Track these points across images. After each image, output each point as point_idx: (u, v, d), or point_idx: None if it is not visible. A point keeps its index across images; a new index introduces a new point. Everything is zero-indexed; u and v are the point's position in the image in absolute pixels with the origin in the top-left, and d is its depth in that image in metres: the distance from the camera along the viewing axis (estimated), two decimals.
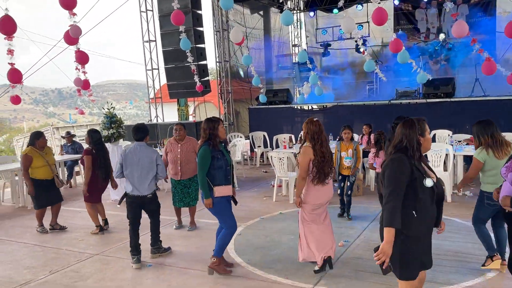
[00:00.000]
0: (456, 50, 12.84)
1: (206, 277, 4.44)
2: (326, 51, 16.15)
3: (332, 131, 9.08)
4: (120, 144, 8.45)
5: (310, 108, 13.16)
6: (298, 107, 12.72)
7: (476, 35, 9.09)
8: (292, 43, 17.39)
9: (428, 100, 10.15)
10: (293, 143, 9.32)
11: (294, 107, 12.58)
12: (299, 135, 4.43)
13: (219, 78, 14.06)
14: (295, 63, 16.49)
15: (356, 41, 11.63)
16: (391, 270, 2.82)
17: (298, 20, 16.72)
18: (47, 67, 10.59)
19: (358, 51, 14.18)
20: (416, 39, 14.38)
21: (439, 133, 9.28)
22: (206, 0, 12.81)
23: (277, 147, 10.78)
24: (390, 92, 11.89)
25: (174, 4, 8.23)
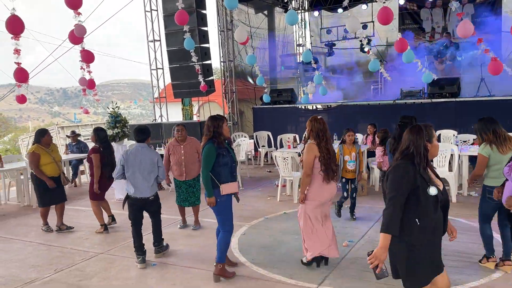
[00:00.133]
0: (462, 50, 12.77)
1: (211, 276, 4.44)
2: (331, 50, 16.12)
3: (336, 131, 9.06)
4: (125, 144, 8.49)
5: (314, 108, 13.14)
6: (302, 107, 12.70)
7: (482, 35, 9.02)
8: (297, 43, 17.36)
9: (433, 100, 10.10)
10: (297, 142, 9.32)
11: (298, 107, 12.57)
12: (303, 135, 4.42)
13: (223, 78, 14.08)
14: (299, 63, 16.47)
15: (361, 40, 11.59)
16: (386, 276, 2.76)
17: (303, 19, 16.71)
18: (52, 66, 10.66)
19: (362, 50, 14.16)
20: (421, 38, 14.33)
21: (444, 133, 9.25)
22: (211, 0, 12.83)
23: (281, 147, 10.78)
24: (395, 92, 11.85)
25: (179, 4, 8.21)
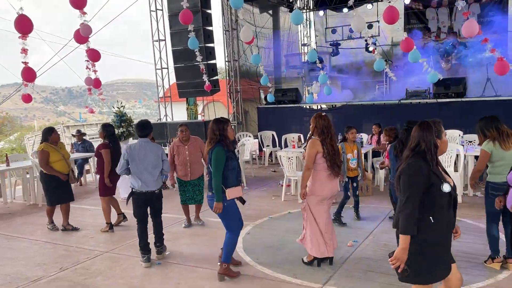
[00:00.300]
0: (468, 49, 12.70)
1: (215, 275, 4.44)
2: (336, 50, 16.09)
3: (341, 131, 8.97)
4: (130, 143, 8.51)
5: (319, 107, 13.12)
6: (307, 107, 12.69)
7: (488, 35, 8.97)
8: (302, 42, 17.34)
9: (439, 100, 10.05)
10: (301, 142, 9.29)
11: (303, 107, 12.55)
12: (308, 135, 4.41)
13: (228, 78, 14.09)
14: (304, 62, 16.45)
15: (366, 40, 11.56)
16: (408, 273, 2.75)
17: (308, 19, 16.68)
18: (57, 66, 10.71)
19: (368, 50, 14.13)
20: (427, 38, 14.27)
21: (450, 133, 9.18)
22: None
23: (285, 146, 10.77)
24: (400, 92, 11.80)
25: (184, 4, 8.20)
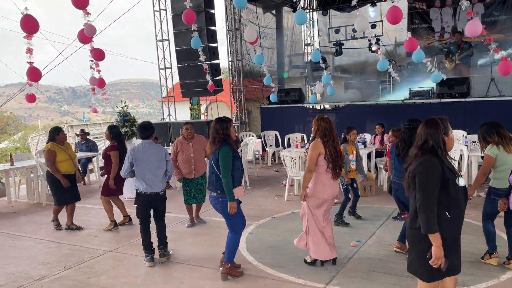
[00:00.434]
0: (473, 49, 12.64)
1: (218, 275, 4.45)
2: (339, 50, 16.06)
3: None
4: (133, 142, 8.55)
5: (322, 107, 13.10)
6: (310, 107, 12.68)
7: (492, 34, 8.95)
8: (305, 42, 17.33)
9: (442, 100, 10.03)
10: (304, 142, 9.29)
11: (306, 107, 12.54)
12: (310, 137, 4.44)
13: (231, 77, 14.10)
14: (307, 62, 16.43)
15: (369, 40, 11.54)
16: (447, 264, 2.72)
17: (311, 19, 16.66)
18: (61, 65, 10.73)
19: (371, 50, 14.09)
20: (431, 38, 14.23)
21: (453, 133, 9.11)
22: None
23: (288, 146, 10.77)
24: (403, 92, 11.77)
25: (187, 3, 8.22)
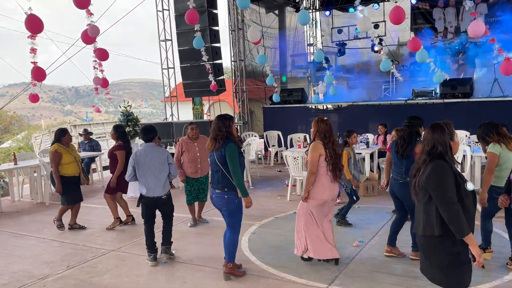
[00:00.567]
0: (478, 49, 12.63)
1: (221, 274, 4.46)
2: (342, 50, 16.05)
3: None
4: (136, 142, 8.56)
5: (325, 107, 13.10)
6: (312, 107, 12.68)
7: (496, 35, 8.92)
8: (307, 42, 17.32)
9: (445, 100, 10.01)
10: (307, 142, 9.29)
11: (309, 107, 12.54)
12: (311, 140, 4.48)
13: (234, 77, 14.11)
14: (310, 62, 16.43)
15: (372, 40, 11.53)
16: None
17: (314, 19, 16.66)
18: (64, 65, 10.76)
19: (373, 50, 14.08)
20: (434, 38, 14.20)
21: (456, 133, 9.14)
22: None
23: (291, 146, 10.78)
24: (406, 92, 11.76)
25: (190, 3, 8.22)
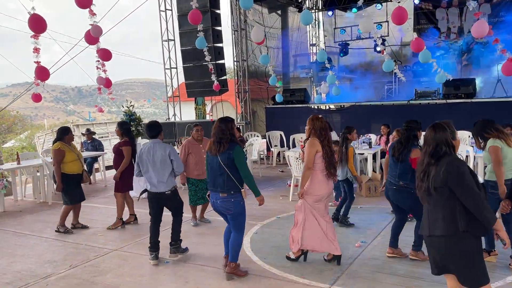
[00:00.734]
0: (479, 50, 12.60)
1: (223, 274, 4.46)
2: (345, 50, 16.04)
3: None
4: (139, 142, 8.57)
5: (327, 108, 13.09)
6: (315, 107, 12.67)
7: (499, 35, 8.90)
8: (310, 43, 17.31)
9: (448, 101, 9.99)
10: None
11: (311, 107, 12.53)
12: (305, 138, 4.52)
13: (236, 77, 14.11)
14: (312, 63, 16.42)
15: (375, 40, 11.51)
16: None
17: (316, 19, 16.65)
18: (67, 65, 10.79)
19: (376, 50, 14.06)
20: (437, 38, 14.18)
21: (459, 134, 9.10)
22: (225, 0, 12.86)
23: (293, 146, 10.76)
24: (409, 93, 11.74)
25: (193, 4, 8.23)
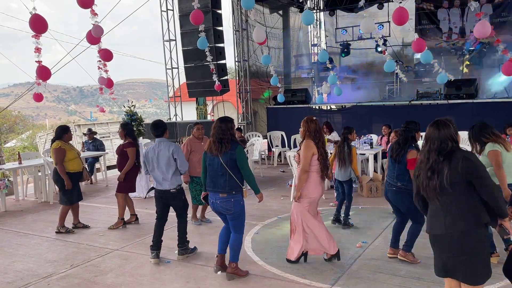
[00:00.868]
0: (481, 50, 12.58)
1: (224, 274, 4.46)
2: (346, 50, 16.02)
3: None
4: (140, 142, 8.58)
5: (328, 108, 13.08)
6: (316, 107, 12.67)
7: (501, 35, 8.89)
8: (311, 43, 17.30)
9: (450, 101, 9.98)
10: None
11: (313, 107, 12.53)
12: (300, 140, 4.57)
13: (237, 78, 14.12)
14: (314, 63, 16.41)
15: (376, 40, 11.50)
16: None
17: (318, 19, 16.64)
18: (68, 65, 10.80)
19: (377, 51, 14.04)
20: (438, 39, 14.15)
21: (461, 134, 9.07)
22: (226, 0, 12.88)
23: (294, 146, 10.76)
24: (410, 93, 11.73)
25: (194, 4, 8.24)
